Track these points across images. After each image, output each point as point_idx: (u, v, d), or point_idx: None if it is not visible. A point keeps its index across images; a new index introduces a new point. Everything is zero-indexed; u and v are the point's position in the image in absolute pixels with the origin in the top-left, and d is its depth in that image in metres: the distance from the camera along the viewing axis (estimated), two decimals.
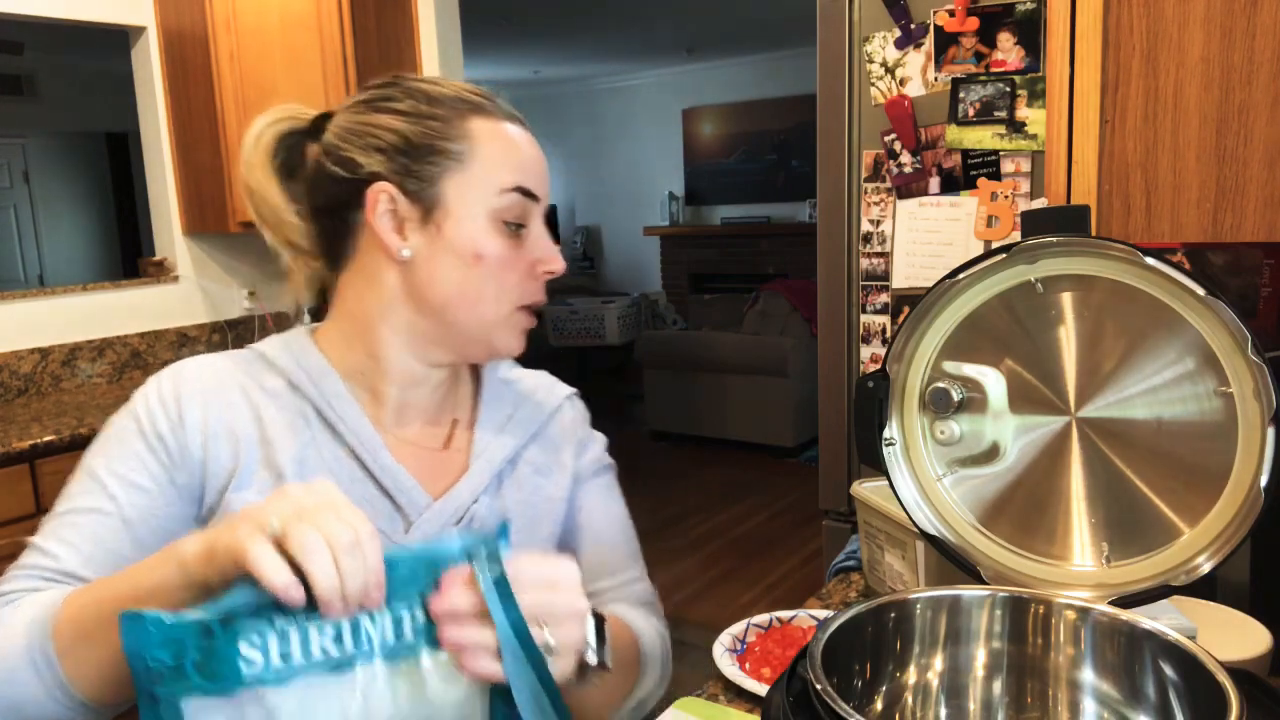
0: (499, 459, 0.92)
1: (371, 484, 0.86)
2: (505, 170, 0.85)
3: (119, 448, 0.83)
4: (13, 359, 3.05)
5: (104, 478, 0.82)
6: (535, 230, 0.88)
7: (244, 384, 0.87)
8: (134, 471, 0.82)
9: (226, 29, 3.17)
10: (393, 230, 0.85)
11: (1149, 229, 1.43)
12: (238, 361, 0.90)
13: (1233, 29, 1.34)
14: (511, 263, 0.86)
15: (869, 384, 1.02)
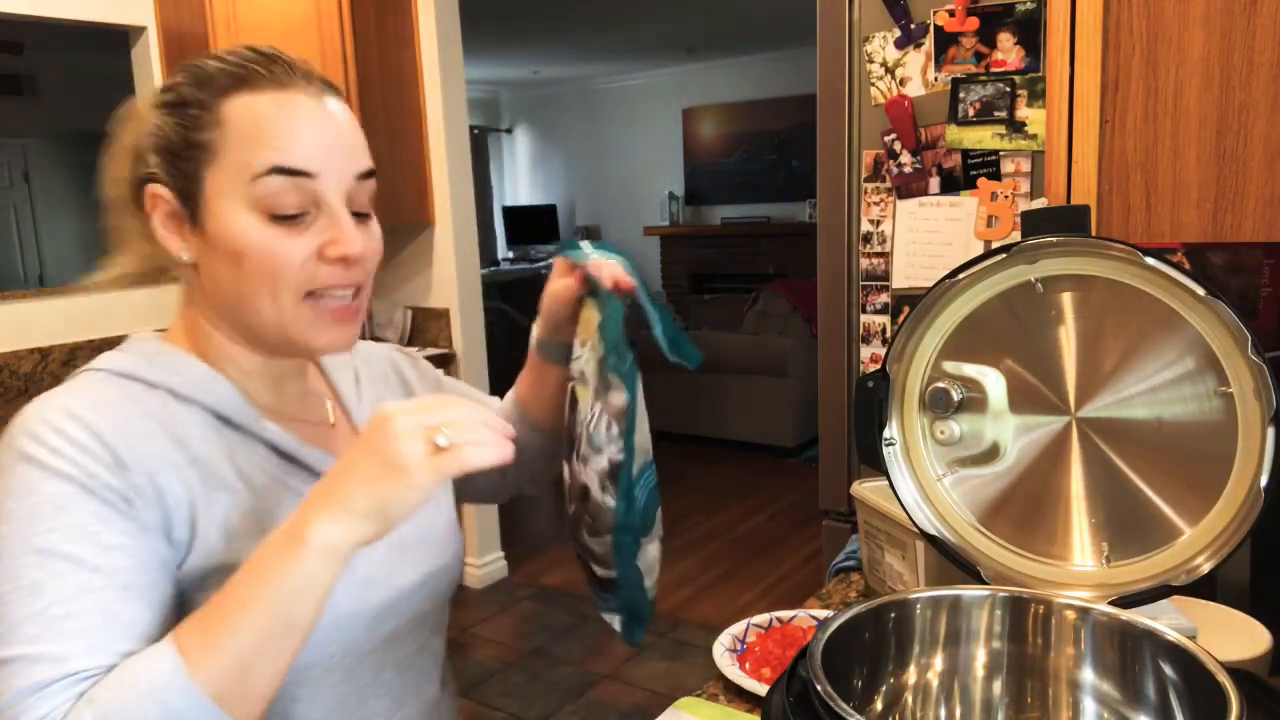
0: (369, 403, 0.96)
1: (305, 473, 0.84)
2: (261, 150, 0.74)
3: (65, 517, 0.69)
4: (13, 359, 3.05)
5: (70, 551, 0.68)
6: (325, 212, 0.77)
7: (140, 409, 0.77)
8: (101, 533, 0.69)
9: (226, 29, 3.17)
10: (167, 236, 0.80)
11: (1149, 229, 1.43)
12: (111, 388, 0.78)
13: (1233, 29, 1.34)
14: (283, 254, 0.76)
15: (869, 384, 1.02)
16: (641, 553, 0.86)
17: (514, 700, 2.97)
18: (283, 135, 0.75)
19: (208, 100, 0.77)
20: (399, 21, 3.45)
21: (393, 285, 3.86)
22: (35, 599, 0.66)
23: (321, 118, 0.78)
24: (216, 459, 0.79)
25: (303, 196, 0.76)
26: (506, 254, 9.10)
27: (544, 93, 9.04)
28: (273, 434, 0.83)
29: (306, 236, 0.77)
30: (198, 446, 0.78)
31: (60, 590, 0.67)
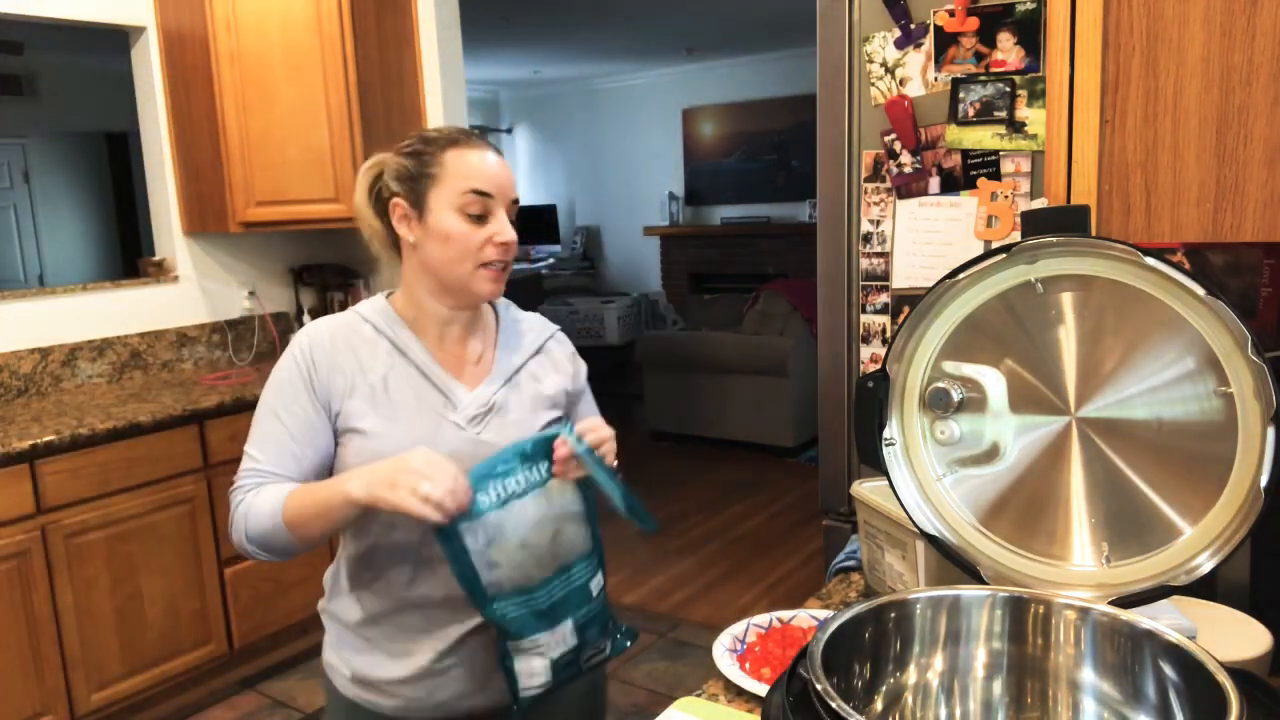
0: (510, 369, 1.38)
1: (429, 385, 1.33)
2: (464, 179, 1.28)
3: (280, 391, 1.31)
4: (13, 359, 3.05)
5: (275, 408, 1.30)
6: (496, 216, 1.30)
7: (347, 335, 1.34)
8: (293, 401, 1.30)
9: (226, 29, 3.17)
10: (404, 228, 1.32)
11: (1149, 229, 1.43)
12: (344, 316, 1.37)
13: (1233, 29, 1.34)
14: (468, 238, 1.29)
15: (869, 384, 1.03)
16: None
17: None
18: (477, 172, 1.29)
19: (433, 151, 1.30)
20: (399, 21, 3.45)
21: (393, 285, 3.86)
22: (256, 426, 1.30)
23: (495, 163, 1.32)
24: (377, 369, 1.31)
25: (484, 207, 1.29)
26: None
27: (544, 93, 9.04)
28: (418, 355, 1.33)
29: (484, 230, 1.29)
30: (366, 359, 1.32)
31: (267, 427, 1.30)
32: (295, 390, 1.29)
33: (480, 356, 1.38)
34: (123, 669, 2.75)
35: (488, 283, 1.31)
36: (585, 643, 1.28)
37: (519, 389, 1.37)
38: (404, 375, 1.31)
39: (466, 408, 1.31)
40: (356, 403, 1.28)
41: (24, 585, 2.51)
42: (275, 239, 3.80)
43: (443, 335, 1.36)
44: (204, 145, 3.31)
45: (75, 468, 2.59)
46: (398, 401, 1.29)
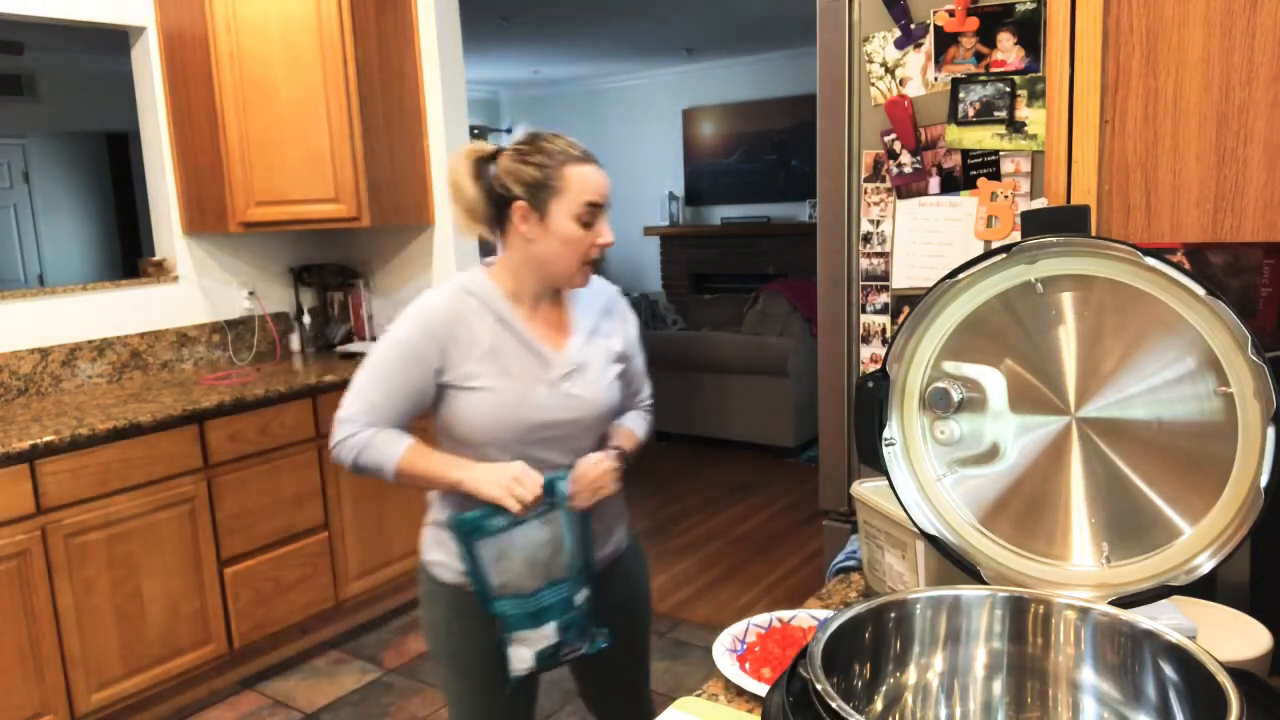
0: (586, 329, 1.68)
1: (527, 350, 1.61)
2: (583, 194, 1.55)
3: (401, 351, 1.57)
4: (13, 359, 3.05)
5: (391, 361, 1.58)
6: (599, 223, 1.58)
7: (457, 305, 1.59)
8: (412, 364, 1.57)
9: (226, 29, 3.17)
10: (524, 226, 1.57)
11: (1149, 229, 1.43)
12: (453, 292, 1.61)
13: (1233, 29, 1.34)
14: (580, 241, 1.57)
15: (869, 384, 1.02)
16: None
17: None
18: (594, 187, 1.57)
19: (556, 166, 1.55)
20: (399, 21, 3.45)
21: (393, 285, 3.86)
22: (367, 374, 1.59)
23: (602, 178, 1.59)
24: (484, 337, 1.59)
25: (593, 216, 1.57)
26: None
27: (544, 93, 9.03)
28: (517, 326, 1.61)
29: (590, 234, 1.57)
30: (479, 328, 1.59)
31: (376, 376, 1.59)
32: (423, 353, 1.57)
33: (562, 320, 1.68)
34: (123, 669, 2.75)
35: (585, 277, 1.62)
36: (564, 642, 1.60)
37: (594, 346, 1.68)
38: (508, 343, 1.60)
39: (558, 368, 1.62)
40: (472, 366, 1.58)
41: (24, 585, 2.51)
42: (275, 239, 3.80)
43: (534, 306, 1.65)
44: (204, 145, 3.31)
45: (75, 468, 2.59)
46: (505, 366, 1.59)
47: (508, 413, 1.57)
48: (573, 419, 1.62)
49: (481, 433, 1.58)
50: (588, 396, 1.62)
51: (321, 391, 3.22)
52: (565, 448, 1.63)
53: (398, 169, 3.47)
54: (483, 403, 1.57)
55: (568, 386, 1.61)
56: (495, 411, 1.56)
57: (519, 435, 1.59)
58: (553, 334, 1.64)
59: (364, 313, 3.89)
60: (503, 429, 1.58)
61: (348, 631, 3.47)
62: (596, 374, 1.65)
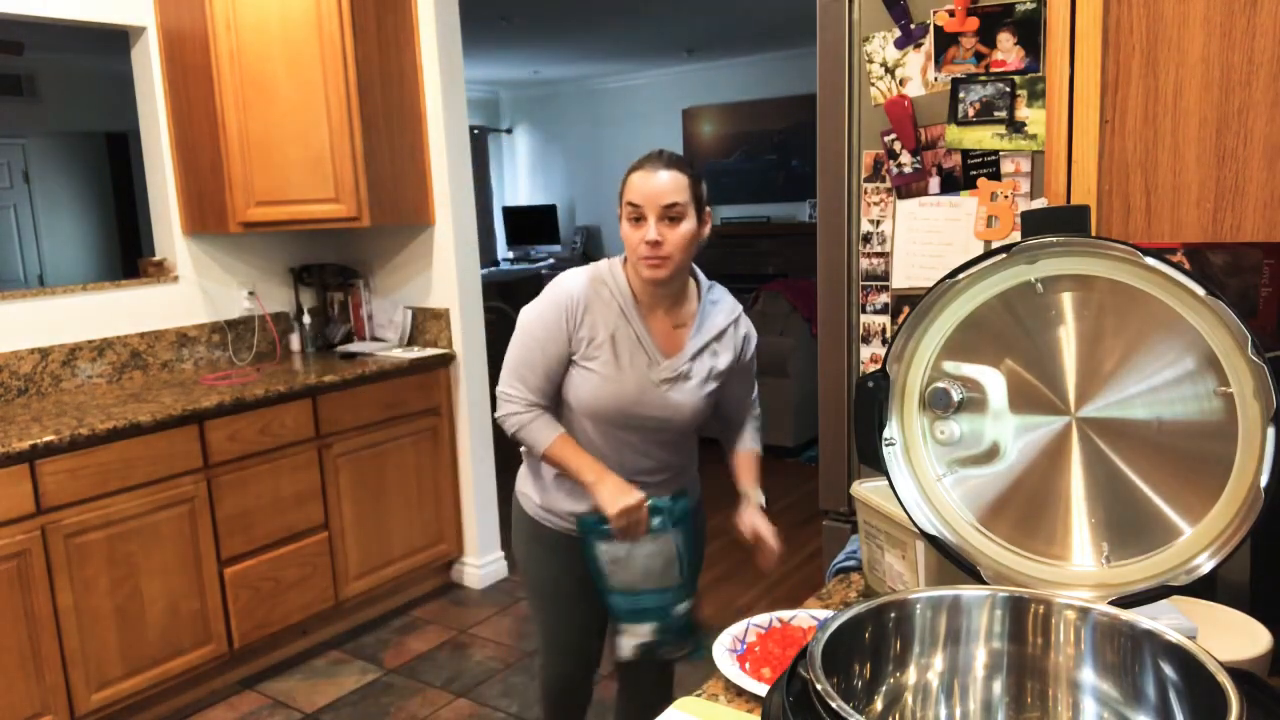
0: (697, 346, 1.83)
1: (641, 348, 1.79)
2: (628, 194, 1.73)
3: (541, 329, 1.79)
4: (13, 359, 3.05)
5: (540, 339, 1.79)
6: (647, 221, 1.70)
7: (590, 292, 1.79)
8: (548, 342, 1.79)
9: (226, 29, 3.17)
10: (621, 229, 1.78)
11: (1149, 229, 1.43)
12: (589, 278, 1.80)
13: (1233, 29, 1.34)
14: (631, 236, 1.73)
15: (869, 384, 1.03)
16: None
17: (514, 700, 2.97)
18: (634, 189, 1.72)
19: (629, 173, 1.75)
20: (399, 21, 3.45)
21: (393, 285, 3.86)
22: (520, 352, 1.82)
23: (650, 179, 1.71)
24: (608, 324, 1.78)
25: (639, 214, 1.72)
26: (506, 254, 9.10)
27: (544, 93, 9.03)
28: (636, 323, 1.79)
29: (639, 231, 1.71)
30: (604, 315, 1.78)
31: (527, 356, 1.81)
32: (558, 330, 1.78)
33: (679, 328, 1.84)
34: (123, 669, 2.75)
35: (646, 269, 1.74)
36: (661, 643, 1.83)
37: (701, 362, 1.84)
38: (626, 336, 1.79)
39: (663, 372, 1.80)
40: (594, 349, 1.78)
41: (24, 585, 2.51)
42: (275, 239, 3.80)
43: (653, 306, 1.81)
44: (204, 145, 3.31)
45: (75, 468, 2.59)
46: (620, 355, 1.79)
47: (609, 396, 1.79)
48: (664, 418, 1.83)
49: (583, 405, 1.81)
50: (681, 402, 1.82)
51: (321, 391, 3.22)
52: (650, 437, 1.86)
53: (398, 169, 3.47)
54: (592, 381, 1.79)
55: (666, 389, 1.81)
56: (599, 392, 1.79)
57: (613, 418, 1.81)
58: (668, 340, 1.83)
59: (364, 313, 3.89)
60: (601, 408, 1.80)
61: (348, 631, 3.47)
62: (695, 386, 1.83)
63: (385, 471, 3.48)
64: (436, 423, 3.65)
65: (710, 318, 1.85)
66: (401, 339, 3.80)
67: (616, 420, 1.81)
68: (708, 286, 1.88)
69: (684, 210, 1.71)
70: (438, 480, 3.68)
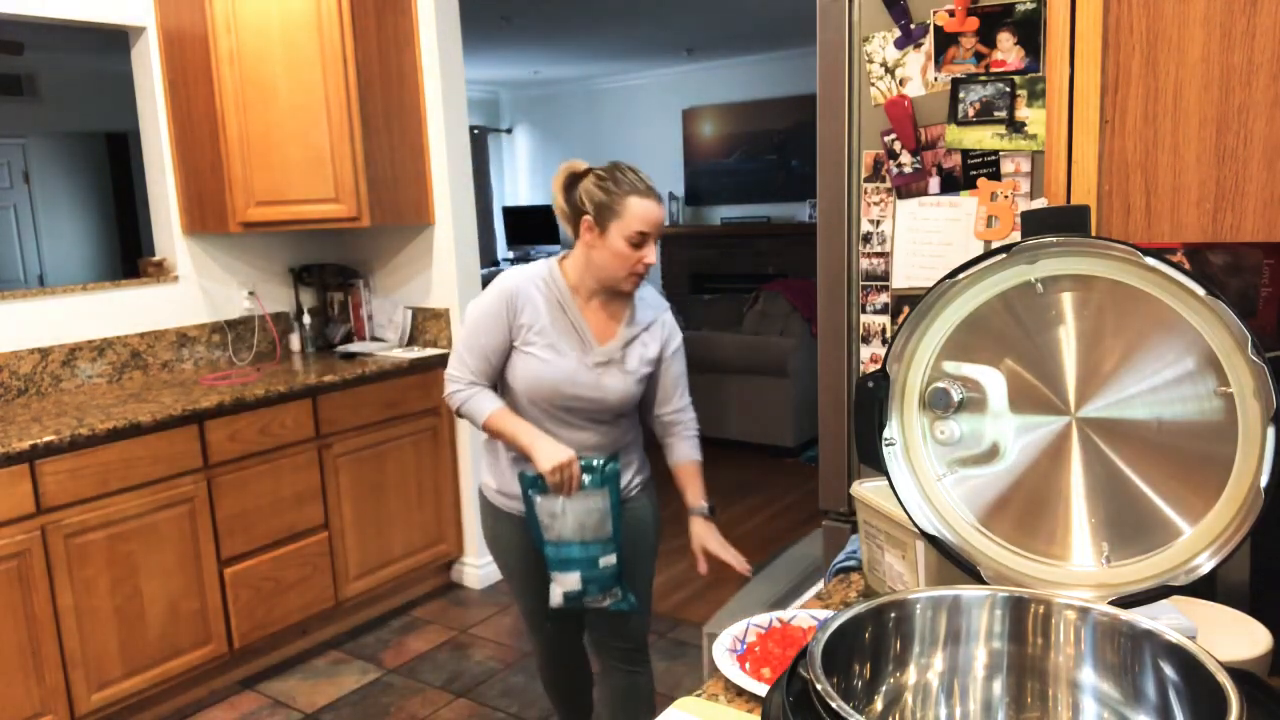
0: (629, 337, 2.03)
1: (577, 335, 1.98)
2: (636, 222, 1.90)
3: (484, 318, 1.98)
4: (13, 359, 3.05)
5: (478, 331, 1.98)
6: (646, 246, 1.92)
7: (529, 286, 1.98)
8: (490, 329, 1.98)
9: (226, 29, 3.17)
10: (588, 236, 1.95)
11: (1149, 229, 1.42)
12: (528, 275, 2.00)
13: (1233, 29, 1.34)
14: (628, 255, 1.92)
15: (869, 384, 1.03)
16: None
17: (514, 700, 2.97)
18: (644, 219, 1.91)
19: (621, 194, 1.91)
20: (399, 21, 3.45)
21: (393, 285, 3.86)
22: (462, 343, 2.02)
23: (655, 210, 1.93)
24: (545, 315, 1.97)
25: (642, 240, 1.91)
26: (506, 254, 9.10)
27: (544, 93, 9.04)
28: (572, 313, 1.99)
29: (637, 253, 1.92)
30: (541, 308, 1.97)
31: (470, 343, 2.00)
32: (498, 319, 1.97)
33: (610, 318, 2.03)
34: (123, 669, 2.75)
35: (630, 285, 1.98)
36: (585, 592, 2.01)
37: (632, 349, 2.03)
38: (563, 325, 1.99)
39: (597, 356, 2.00)
40: (533, 335, 1.97)
41: (24, 585, 2.51)
42: (275, 239, 3.80)
43: (590, 300, 2.01)
44: (204, 145, 3.31)
45: (75, 468, 2.59)
46: (555, 342, 1.97)
47: (547, 380, 1.96)
48: (597, 398, 2.00)
49: (524, 387, 1.98)
50: (614, 385, 2.01)
51: (321, 391, 3.22)
52: (586, 417, 2.03)
53: (398, 169, 3.47)
54: (531, 367, 1.97)
55: (600, 373, 2.00)
56: (539, 377, 1.96)
57: (552, 399, 1.99)
58: (602, 329, 2.02)
59: (364, 313, 3.89)
60: (541, 391, 1.98)
61: (348, 631, 3.47)
62: (628, 369, 2.02)
63: (385, 472, 3.48)
64: (436, 423, 3.65)
65: (640, 311, 2.06)
66: (401, 339, 3.80)
67: (554, 399, 1.98)
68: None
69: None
70: (438, 480, 3.68)
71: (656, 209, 1.93)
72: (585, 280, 1.99)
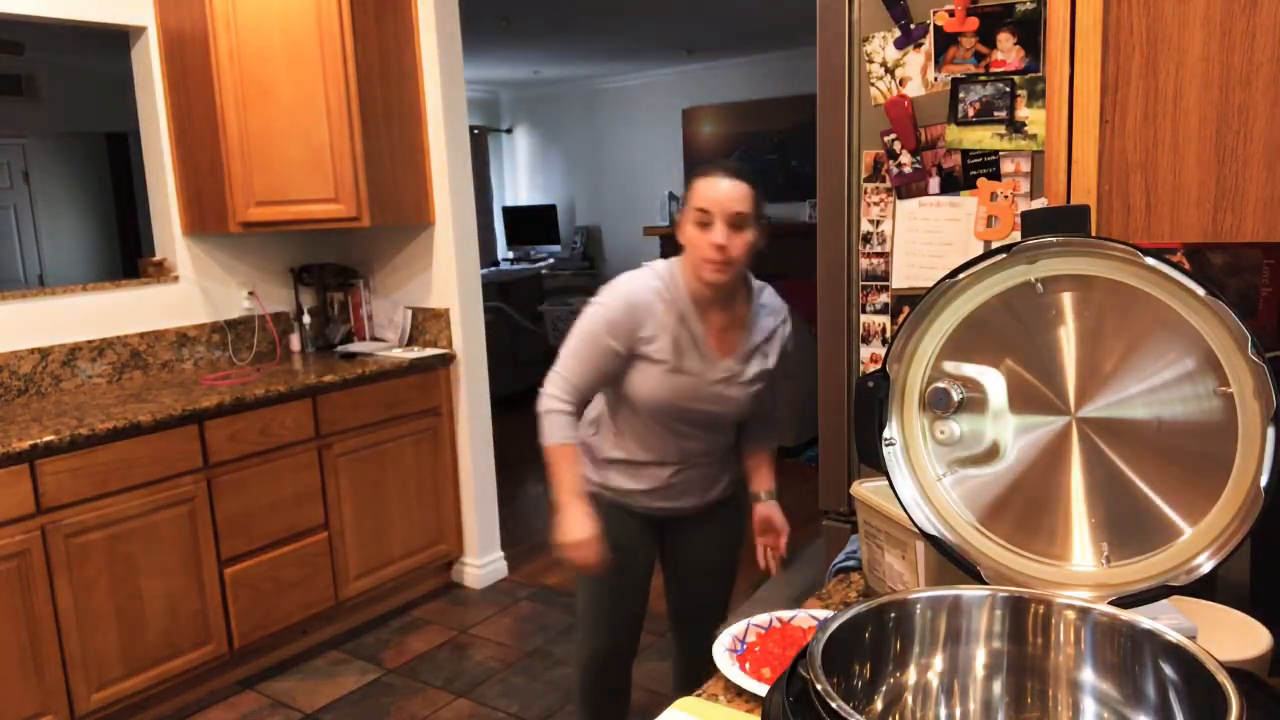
0: (750, 347, 1.97)
1: (697, 351, 1.90)
2: (697, 199, 1.82)
3: (595, 325, 1.89)
4: (13, 359, 3.05)
5: (589, 339, 1.90)
6: (714, 226, 1.81)
7: (654, 295, 1.89)
8: (599, 337, 1.89)
9: (226, 29, 3.17)
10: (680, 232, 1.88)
11: (1149, 229, 1.42)
12: (649, 278, 1.91)
13: (1232, 29, 1.34)
14: (698, 239, 1.83)
15: (869, 384, 1.03)
16: None
17: (514, 700, 2.97)
18: (703, 195, 1.82)
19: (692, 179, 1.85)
20: (399, 21, 3.45)
21: (393, 285, 3.86)
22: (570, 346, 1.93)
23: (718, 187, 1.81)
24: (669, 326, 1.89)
25: (707, 219, 1.82)
26: (506, 254, 9.09)
27: (544, 93, 9.03)
28: (694, 325, 1.91)
29: (704, 235, 1.82)
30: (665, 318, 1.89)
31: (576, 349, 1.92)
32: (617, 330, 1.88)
33: (731, 328, 1.96)
34: (123, 669, 2.75)
35: (709, 272, 1.84)
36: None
37: (752, 363, 1.98)
38: (685, 337, 1.91)
39: (719, 372, 1.94)
40: (654, 350, 1.90)
41: (24, 585, 2.51)
42: (275, 239, 3.80)
43: (708, 308, 1.92)
44: (204, 145, 3.31)
45: (75, 468, 2.59)
46: (679, 357, 1.91)
47: (668, 394, 1.92)
48: (716, 411, 1.97)
49: (641, 400, 1.93)
50: (734, 397, 1.96)
51: (321, 392, 3.22)
52: (702, 428, 2.01)
53: (398, 169, 3.47)
54: (652, 379, 1.91)
55: (721, 388, 1.95)
56: (658, 389, 1.91)
57: (669, 411, 1.94)
58: (721, 341, 1.95)
59: (364, 313, 3.89)
60: (659, 403, 1.93)
61: (348, 631, 3.47)
62: (745, 384, 1.97)
63: (385, 471, 3.47)
64: (436, 423, 3.65)
65: (761, 320, 1.99)
66: (401, 339, 3.80)
67: (672, 413, 1.95)
68: (758, 289, 2.02)
69: (747, 220, 1.83)
70: (438, 480, 3.68)
71: (722, 186, 1.80)
72: (693, 282, 1.90)
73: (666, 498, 2.07)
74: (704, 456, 2.05)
